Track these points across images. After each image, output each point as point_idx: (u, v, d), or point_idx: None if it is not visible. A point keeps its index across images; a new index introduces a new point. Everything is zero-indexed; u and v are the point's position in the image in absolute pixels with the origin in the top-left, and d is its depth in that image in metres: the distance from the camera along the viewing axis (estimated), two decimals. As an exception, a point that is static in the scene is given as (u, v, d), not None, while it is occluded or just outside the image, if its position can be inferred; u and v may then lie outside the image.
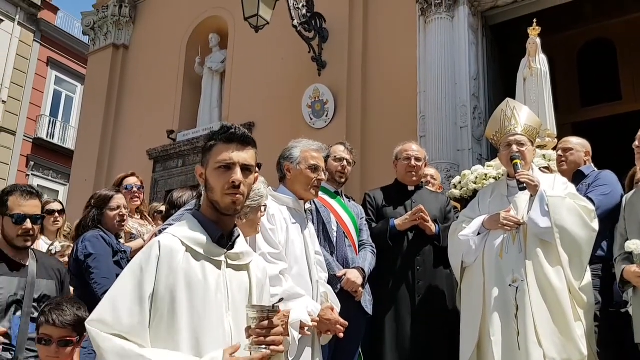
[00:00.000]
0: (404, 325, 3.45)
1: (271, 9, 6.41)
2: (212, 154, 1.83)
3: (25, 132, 17.36)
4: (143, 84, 9.30)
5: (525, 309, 2.92)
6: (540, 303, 2.92)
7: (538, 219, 3.02)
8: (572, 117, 8.01)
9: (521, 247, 3.06)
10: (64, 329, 2.36)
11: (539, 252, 3.02)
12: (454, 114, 6.03)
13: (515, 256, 3.05)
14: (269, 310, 1.73)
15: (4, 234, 2.75)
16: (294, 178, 2.96)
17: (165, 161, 8.74)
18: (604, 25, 8.23)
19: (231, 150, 1.81)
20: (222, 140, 1.83)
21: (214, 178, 1.81)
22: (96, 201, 3.47)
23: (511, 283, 3.00)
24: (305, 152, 2.97)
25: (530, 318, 2.89)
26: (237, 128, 1.86)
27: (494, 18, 6.68)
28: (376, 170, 6.05)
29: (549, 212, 3.01)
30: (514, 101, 3.56)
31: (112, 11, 9.72)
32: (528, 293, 2.93)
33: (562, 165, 4.03)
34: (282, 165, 3.01)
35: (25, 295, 2.64)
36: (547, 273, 2.97)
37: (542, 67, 5.17)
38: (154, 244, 1.77)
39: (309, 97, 6.99)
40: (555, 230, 2.98)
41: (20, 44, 17.36)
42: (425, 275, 3.55)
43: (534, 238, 3.05)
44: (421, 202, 3.71)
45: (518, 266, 3.01)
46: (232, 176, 1.79)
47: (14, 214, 2.72)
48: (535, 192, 3.09)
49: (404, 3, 6.66)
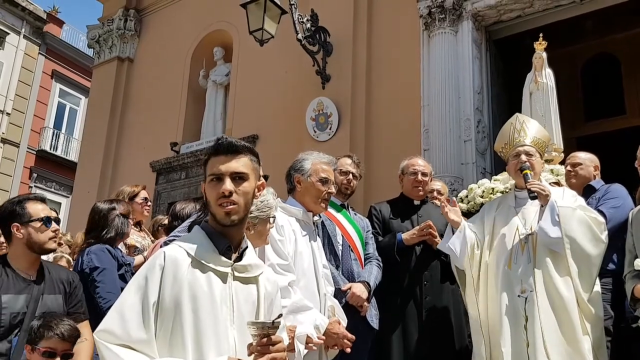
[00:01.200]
0: (411, 341, 3.42)
1: (276, 23, 6.45)
2: (206, 168, 1.85)
3: (28, 144, 17.43)
4: (147, 97, 9.34)
5: (534, 319, 2.89)
6: (549, 314, 2.90)
7: (548, 228, 3.00)
8: (576, 131, 8.00)
9: (530, 257, 3.04)
10: (67, 342, 2.36)
11: (548, 262, 3.00)
12: (457, 127, 6.02)
13: (524, 266, 3.03)
14: (268, 326, 1.71)
15: (30, 243, 2.66)
16: (304, 190, 2.94)
17: (169, 173, 8.75)
18: (608, 40, 8.23)
19: (219, 162, 1.82)
20: (212, 153, 1.85)
21: (208, 191, 1.83)
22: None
23: (520, 294, 2.98)
24: (316, 165, 2.96)
25: (539, 329, 2.86)
26: (224, 138, 1.87)
27: (498, 32, 6.70)
28: (380, 183, 6.03)
29: (560, 222, 2.99)
30: (523, 115, 3.59)
31: (117, 24, 9.79)
32: (537, 303, 2.91)
33: (571, 180, 4.02)
34: (292, 176, 2.99)
35: (27, 313, 2.56)
36: (556, 283, 2.95)
37: (549, 81, 5.17)
38: (159, 254, 1.76)
39: (312, 110, 7.00)
40: (565, 241, 2.96)
41: (25, 57, 17.49)
42: (432, 290, 3.52)
43: (543, 248, 3.04)
44: (427, 216, 3.70)
45: (527, 276, 2.99)
46: (223, 186, 1.79)
47: (42, 217, 2.69)
48: (546, 201, 3.07)
49: (407, 17, 6.69)
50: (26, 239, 2.65)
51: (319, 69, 6.93)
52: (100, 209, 3.45)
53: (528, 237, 3.08)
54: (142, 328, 1.65)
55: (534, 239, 3.07)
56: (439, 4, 6.28)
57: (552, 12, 6.26)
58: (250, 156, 1.87)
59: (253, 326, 1.71)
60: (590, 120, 8.51)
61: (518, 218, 3.24)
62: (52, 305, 2.66)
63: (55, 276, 2.78)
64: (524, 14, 6.33)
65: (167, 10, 9.69)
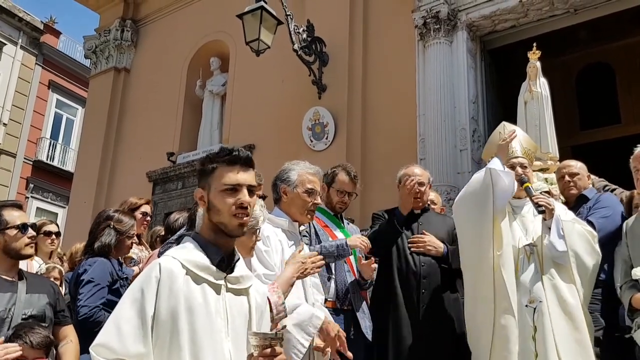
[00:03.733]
0: (407, 349, 3.39)
1: (272, 34, 6.47)
2: (214, 176, 1.82)
3: (25, 155, 17.39)
4: (144, 107, 9.35)
5: (545, 330, 2.88)
6: (562, 324, 2.89)
7: (556, 242, 3.01)
8: (571, 140, 8.03)
9: (537, 267, 3.04)
10: (39, 350, 2.45)
11: (554, 272, 3.01)
12: (453, 136, 6.04)
13: (531, 277, 3.02)
14: (271, 337, 1.70)
15: (6, 249, 2.74)
16: (290, 201, 2.92)
17: (165, 183, 8.74)
18: (602, 49, 8.30)
19: (236, 172, 1.82)
20: (225, 162, 1.83)
21: (219, 200, 1.80)
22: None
23: (528, 304, 2.96)
24: (303, 176, 2.93)
25: (551, 339, 2.85)
26: (240, 150, 1.86)
27: (492, 42, 6.74)
28: (376, 193, 6.03)
29: (564, 235, 3.00)
30: (510, 124, 3.58)
31: (114, 35, 9.82)
32: (549, 313, 2.89)
33: (571, 190, 4.00)
34: (278, 187, 2.96)
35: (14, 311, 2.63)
36: (563, 294, 2.96)
37: (543, 90, 5.19)
38: (154, 266, 1.74)
39: (309, 120, 7.01)
40: (570, 254, 2.98)
41: (22, 67, 17.50)
42: (430, 298, 3.48)
43: (549, 259, 3.04)
44: (428, 224, 3.67)
45: (535, 286, 2.98)
46: (241, 197, 1.79)
47: (19, 224, 2.76)
48: (551, 216, 3.07)
49: (403, 28, 6.72)
50: (3, 246, 2.74)
51: (315, 79, 6.95)
52: (98, 218, 3.46)
53: (533, 248, 3.08)
54: (141, 341, 1.64)
55: (539, 250, 3.06)
56: (434, 15, 6.32)
57: (547, 22, 6.31)
58: (255, 171, 1.91)
59: (255, 337, 1.70)
60: (585, 129, 8.56)
61: (518, 226, 3.23)
62: (38, 303, 2.73)
63: (36, 282, 2.87)
64: (518, 24, 6.37)
65: (164, 21, 9.72)
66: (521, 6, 6.10)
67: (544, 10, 6.13)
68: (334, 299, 3.29)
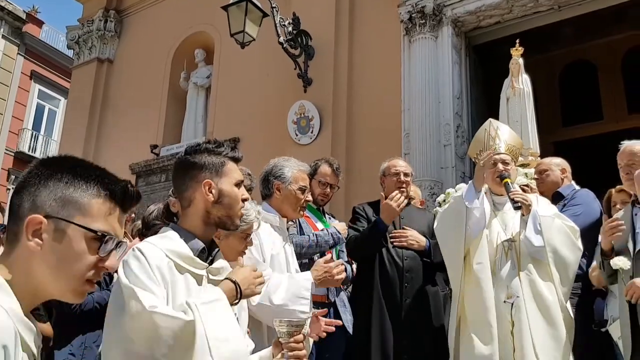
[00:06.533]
0: (389, 342, 3.40)
1: (257, 26, 6.43)
2: (226, 170, 1.88)
3: (6, 146, 17.15)
4: (127, 99, 9.25)
5: (521, 325, 2.92)
6: (538, 319, 2.93)
7: (532, 237, 3.04)
8: (554, 136, 8.11)
9: (514, 263, 3.07)
10: None
11: (532, 268, 3.04)
12: (437, 132, 6.07)
13: (509, 272, 3.05)
14: (296, 324, 1.79)
15: None
16: (284, 198, 2.92)
17: (148, 176, 8.67)
18: (585, 47, 8.37)
19: (238, 170, 1.92)
20: (232, 159, 1.91)
21: (234, 194, 1.87)
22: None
23: (506, 299, 3.00)
24: (297, 173, 2.95)
25: (528, 334, 2.89)
26: (237, 150, 1.95)
27: (477, 38, 6.78)
28: (361, 187, 6.05)
29: (541, 231, 3.03)
30: (496, 121, 3.60)
31: (97, 25, 9.70)
32: (525, 309, 2.93)
33: (540, 187, 4.03)
34: (271, 183, 2.95)
35: None
36: (540, 289, 2.99)
37: (525, 87, 5.22)
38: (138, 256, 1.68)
39: (294, 113, 7.00)
40: (548, 249, 3.01)
41: (4, 57, 17.22)
42: (413, 292, 3.50)
43: (526, 255, 3.07)
44: (409, 219, 3.69)
45: (512, 282, 3.02)
46: (244, 193, 1.91)
47: None
48: (529, 212, 3.10)
49: (389, 22, 6.73)
50: None
51: (301, 73, 6.93)
52: None
53: (511, 244, 3.11)
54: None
55: (517, 246, 3.09)
56: (420, 9, 6.33)
57: (531, 19, 6.35)
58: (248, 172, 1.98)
59: (282, 324, 1.78)
60: (567, 125, 8.64)
61: (498, 222, 3.26)
62: None
63: None
64: (503, 20, 6.40)
65: (148, 12, 9.62)
66: (506, 2, 6.14)
67: (529, 6, 6.17)
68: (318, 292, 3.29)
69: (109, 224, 1.19)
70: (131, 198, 1.27)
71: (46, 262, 1.13)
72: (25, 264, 1.13)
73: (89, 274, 1.17)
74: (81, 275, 1.16)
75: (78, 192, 1.18)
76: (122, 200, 1.24)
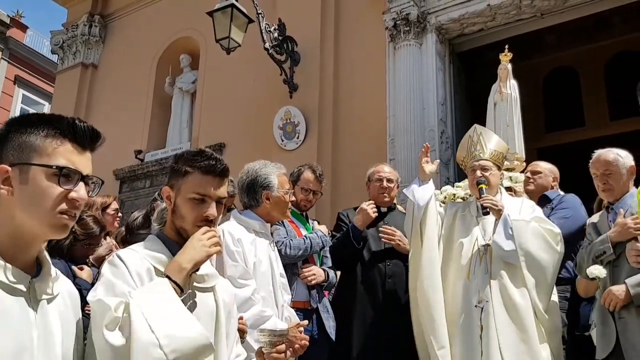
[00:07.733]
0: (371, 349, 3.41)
1: (243, 32, 6.43)
2: (186, 181, 1.77)
3: (-11, 151, 16.96)
4: (111, 104, 9.19)
5: (489, 329, 2.94)
6: (506, 324, 2.95)
7: (502, 242, 3.07)
8: (537, 142, 8.19)
9: (487, 268, 3.10)
10: None
11: (504, 273, 3.06)
12: (422, 138, 6.09)
13: (482, 277, 3.08)
14: (281, 334, 1.79)
15: None
16: (274, 204, 2.89)
17: (132, 182, 8.61)
18: (568, 53, 8.48)
19: (209, 184, 1.76)
20: (201, 169, 1.77)
21: (186, 208, 1.76)
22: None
23: (477, 304, 3.02)
24: (280, 177, 2.94)
25: (495, 339, 2.91)
26: (218, 160, 1.80)
27: (461, 45, 6.83)
28: (346, 192, 6.07)
29: (513, 235, 3.06)
30: (480, 127, 3.63)
31: (81, 30, 9.64)
32: (493, 313, 2.96)
33: (529, 186, 4.12)
34: (258, 193, 2.88)
35: None
36: (511, 294, 3.01)
37: (513, 92, 5.24)
38: (115, 262, 1.66)
39: (280, 119, 7.00)
40: (520, 253, 3.03)
41: (-14, 62, 17.07)
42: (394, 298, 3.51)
43: (499, 259, 3.09)
44: (394, 223, 3.72)
45: (484, 287, 3.04)
46: (208, 211, 1.75)
47: None
48: (499, 216, 3.14)
49: (374, 29, 6.76)
50: None
51: (287, 78, 6.94)
52: None
53: (486, 249, 3.14)
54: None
55: (490, 250, 3.13)
56: (404, 17, 6.37)
57: (514, 26, 6.42)
58: (231, 179, 1.89)
59: (264, 333, 1.77)
60: (550, 131, 8.73)
61: (479, 228, 3.29)
62: None
63: None
64: (486, 28, 6.46)
65: (133, 17, 9.58)
66: (489, 10, 6.20)
67: (512, 14, 6.24)
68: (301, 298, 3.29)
69: (67, 159, 1.31)
70: (82, 131, 1.36)
71: (20, 204, 1.26)
72: (6, 211, 1.27)
73: (61, 206, 1.29)
74: (52, 207, 1.28)
75: (31, 137, 1.29)
76: (74, 134, 1.34)
